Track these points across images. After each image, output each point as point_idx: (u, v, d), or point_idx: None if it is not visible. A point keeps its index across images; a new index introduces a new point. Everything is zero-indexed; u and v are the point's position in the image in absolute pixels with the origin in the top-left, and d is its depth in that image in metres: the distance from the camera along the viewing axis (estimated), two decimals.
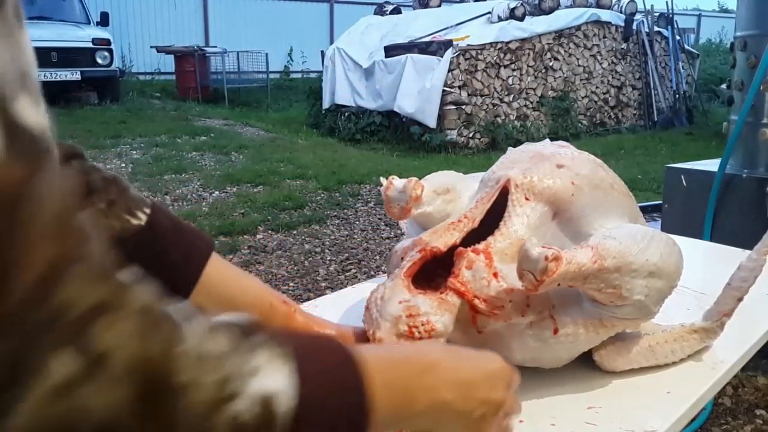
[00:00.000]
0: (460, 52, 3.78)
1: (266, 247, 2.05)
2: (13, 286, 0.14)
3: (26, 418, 0.15)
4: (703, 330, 0.44)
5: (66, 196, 0.16)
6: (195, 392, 0.18)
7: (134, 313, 0.17)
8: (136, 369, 0.16)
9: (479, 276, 0.36)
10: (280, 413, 0.19)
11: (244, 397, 0.19)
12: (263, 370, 0.19)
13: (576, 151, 0.45)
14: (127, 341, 0.17)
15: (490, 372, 0.28)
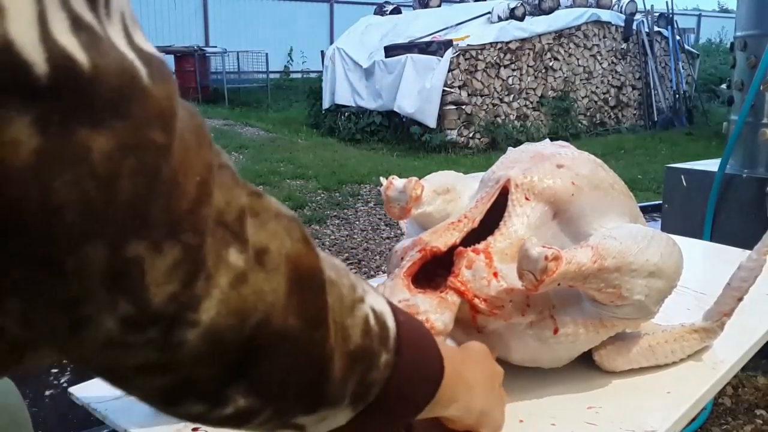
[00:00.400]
0: (460, 52, 3.78)
1: None
2: (182, 191, 0.15)
3: (216, 306, 0.16)
4: (703, 330, 0.44)
5: (196, 115, 0.17)
6: (339, 288, 0.20)
7: (275, 215, 0.19)
8: (288, 262, 0.18)
9: (479, 276, 0.36)
10: (391, 328, 0.22)
11: (366, 305, 0.21)
12: (370, 292, 0.22)
13: (576, 151, 0.45)
14: (276, 239, 0.18)
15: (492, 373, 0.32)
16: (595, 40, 4.46)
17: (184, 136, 0.15)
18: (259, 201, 0.18)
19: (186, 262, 0.15)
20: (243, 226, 0.17)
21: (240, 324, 0.16)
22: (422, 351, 0.24)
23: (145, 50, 0.15)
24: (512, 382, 0.41)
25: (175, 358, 0.16)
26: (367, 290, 0.22)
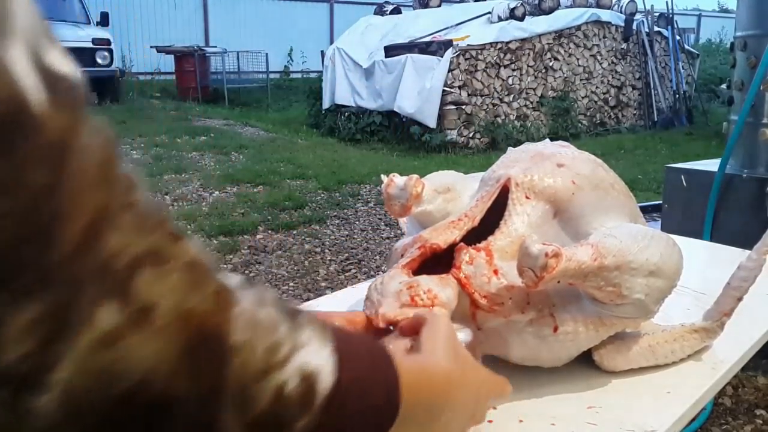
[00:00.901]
0: (460, 52, 3.78)
1: (266, 247, 2.05)
2: (62, 237, 0.14)
3: (71, 370, 0.14)
4: (703, 330, 0.44)
5: (108, 145, 0.15)
6: (247, 354, 0.17)
7: (184, 265, 0.17)
8: (184, 322, 0.16)
9: (480, 272, 0.36)
10: (320, 389, 0.19)
11: (290, 368, 0.18)
12: (308, 346, 0.19)
13: (576, 151, 0.45)
14: (175, 293, 0.16)
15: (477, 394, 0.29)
16: (595, 40, 4.46)
17: (83, 171, 0.14)
18: (170, 246, 0.16)
19: (50, 317, 0.14)
20: (131, 278, 0.15)
21: (102, 390, 0.15)
22: (370, 402, 0.21)
23: (55, 71, 0.13)
24: (512, 381, 0.41)
25: (26, 422, 0.14)
26: (301, 347, 0.19)
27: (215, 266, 0.18)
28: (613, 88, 4.64)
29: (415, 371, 0.24)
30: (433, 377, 0.25)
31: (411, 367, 0.24)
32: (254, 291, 0.19)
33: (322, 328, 0.20)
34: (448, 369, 0.26)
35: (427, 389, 0.25)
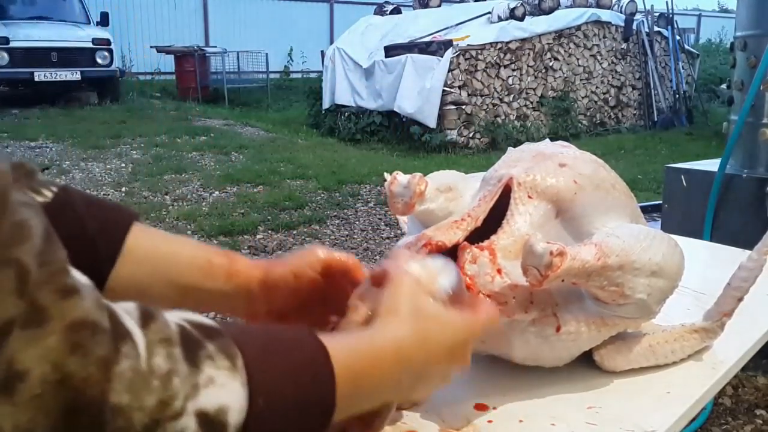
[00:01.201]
0: (460, 52, 3.78)
1: (266, 247, 2.05)
2: None
3: None
4: (704, 330, 0.44)
5: None
6: (133, 414, 0.17)
7: (63, 328, 0.16)
8: (58, 390, 0.15)
9: (483, 271, 0.36)
10: (232, 426, 0.19)
11: (187, 416, 0.18)
12: (211, 386, 0.19)
13: (578, 151, 0.45)
14: (49, 359, 0.15)
15: (452, 346, 0.28)
16: (595, 40, 4.46)
17: None
18: (54, 305, 0.16)
19: None
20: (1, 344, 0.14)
21: None
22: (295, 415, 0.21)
23: None
24: (512, 381, 0.41)
25: None
26: (201, 389, 0.18)
27: (108, 314, 0.17)
28: (613, 88, 4.64)
29: (356, 357, 0.24)
30: (380, 355, 0.25)
31: (352, 353, 0.24)
32: (154, 329, 0.19)
33: (231, 359, 0.20)
34: (399, 339, 0.26)
35: (370, 370, 0.24)
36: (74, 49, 4.72)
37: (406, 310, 0.27)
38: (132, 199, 2.59)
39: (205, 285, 0.31)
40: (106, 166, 3.15)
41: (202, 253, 0.32)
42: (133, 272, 0.30)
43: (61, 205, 0.29)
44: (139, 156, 3.43)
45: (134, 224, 0.31)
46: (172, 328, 0.19)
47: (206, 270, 0.31)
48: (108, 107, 4.74)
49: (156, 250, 0.31)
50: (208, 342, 0.20)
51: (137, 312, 0.19)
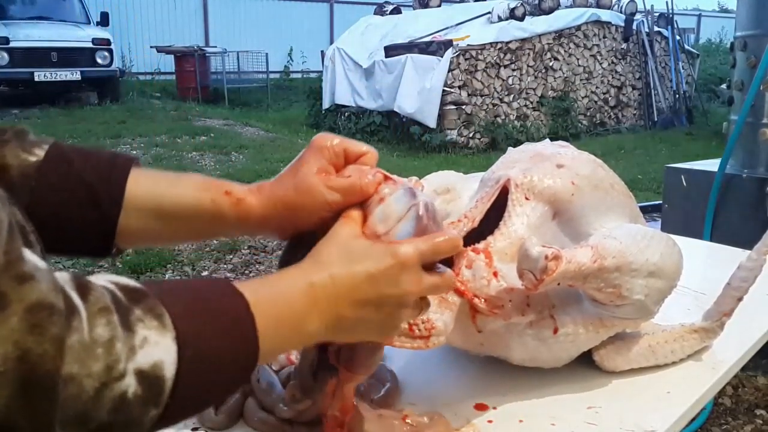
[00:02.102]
0: (460, 52, 3.78)
1: (266, 247, 2.04)
2: None
3: None
4: (703, 330, 0.44)
5: None
6: (83, 380, 0.19)
7: (22, 310, 0.18)
8: (18, 365, 0.17)
9: (479, 275, 0.36)
10: (166, 378, 0.21)
11: (129, 375, 0.20)
12: (146, 346, 0.21)
13: (576, 151, 0.45)
14: (10, 339, 0.17)
15: (374, 273, 0.28)
16: (595, 40, 4.46)
17: None
18: (14, 290, 0.17)
19: None
20: None
21: None
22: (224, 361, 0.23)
23: None
24: (512, 382, 0.41)
25: None
26: (138, 349, 0.20)
27: (62, 293, 0.19)
28: (613, 88, 4.64)
29: (272, 301, 0.26)
30: (293, 296, 0.26)
31: (268, 297, 0.26)
32: (92, 299, 0.20)
33: (158, 318, 0.21)
34: (311, 280, 0.27)
35: (287, 312, 0.26)
36: (74, 49, 4.73)
37: (327, 255, 0.28)
38: None
39: (213, 229, 0.32)
40: None
41: (205, 194, 0.31)
42: (138, 218, 0.30)
43: (55, 161, 0.29)
44: (139, 156, 3.43)
45: (133, 169, 0.30)
46: (106, 296, 0.21)
47: (213, 213, 0.31)
48: (108, 107, 4.74)
49: (160, 197, 0.31)
50: (135, 306, 0.21)
51: (72, 283, 0.20)
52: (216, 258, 1.93)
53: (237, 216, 0.31)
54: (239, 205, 0.31)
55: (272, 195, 0.31)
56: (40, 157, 0.29)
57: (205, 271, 1.84)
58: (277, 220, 0.31)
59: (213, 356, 0.23)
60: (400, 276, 0.28)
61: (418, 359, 0.44)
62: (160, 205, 0.30)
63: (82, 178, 0.29)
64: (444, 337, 0.33)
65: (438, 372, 0.44)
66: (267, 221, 0.31)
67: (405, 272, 0.28)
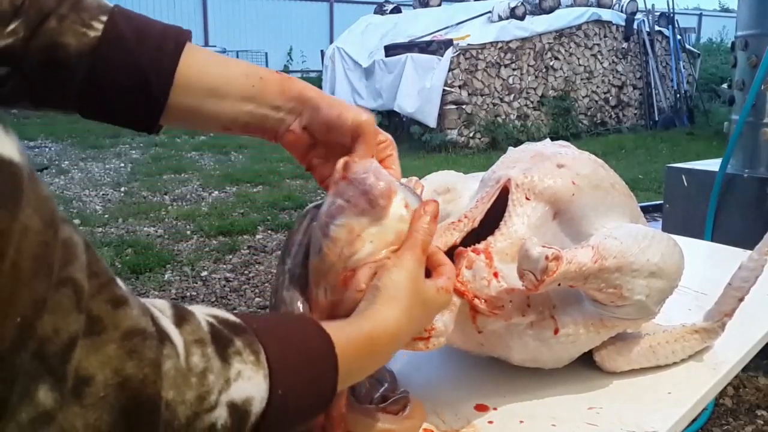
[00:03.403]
0: (460, 51, 3.78)
1: (266, 247, 2.04)
2: (1, 331, 0.14)
3: None
4: (704, 330, 0.44)
5: (46, 224, 0.15)
6: (177, 407, 0.19)
7: (119, 336, 0.18)
8: (120, 391, 0.17)
9: (479, 276, 0.36)
10: (253, 414, 0.22)
11: (221, 407, 0.20)
12: (239, 380, 0.21)
13: (577, 151, 0.45)
14: (110, 365, 0.17)
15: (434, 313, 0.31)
16: (596, 39, 4.46)
17: (16, 264, 0.14)
18: (108, 315, 0.17)
19: None
20: (65, 359, 0.16)
21: None
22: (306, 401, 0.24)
23: None
24: (513, 382, 0.41)
25: None
26: (231, 383, 0.21)
27: (150, 319, 0.19)
28: (613, 87, 4.64)
29: (357, 343, 0.27)
30: (376, 342, 0.27)
31: (353, 340, 0.26)
32: (189, 329, 0.20)
33: (255, 354, 0.22)
34: (396, 328, 0.28)
35: (369, 353, 0.27)
36: None
37: (406, 299, 0.28)
38: (131, 198, 2.59)
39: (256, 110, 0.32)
40: (105, 166, 3.15)
41: (254, 72, 0.32)
42: (182, 101, 0.31)
43: (112, 39, 0.29)
44: (138, 156, 3.43)
45: (184, 50, 0.31)
46: (203, 328, 0.21)
47: (259, 87, 0.31)
48: None
49: (208, 79, 0.31)
50: (235, 338, 0.22)
51: (171, 312, 0.21)
52: (216, 258, 1.93)
53: (280, 88, 0.32)
54: (285, 81, 0.32)
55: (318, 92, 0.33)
56: (99, 32, 0.29)
57: (204, 271, 1.84)
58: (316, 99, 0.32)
59: (297, 398, 0.23)
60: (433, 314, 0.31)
61: (418, 360, 0.44)
62: (208, 85, 0.31)
63: (138, 65, 0.30)
64: (444, 338, 0.33)
65: (438, 372, 0.44)
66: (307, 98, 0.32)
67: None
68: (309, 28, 7.52)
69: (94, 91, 0.29)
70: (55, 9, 0.28)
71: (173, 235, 2.10)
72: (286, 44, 7.00)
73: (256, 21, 7.30)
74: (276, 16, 7.45)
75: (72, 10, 0.29)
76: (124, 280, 1.31)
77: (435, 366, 0.44)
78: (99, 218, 2.29)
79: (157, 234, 2.13)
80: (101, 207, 2.45)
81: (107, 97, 0.30)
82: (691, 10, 10.55)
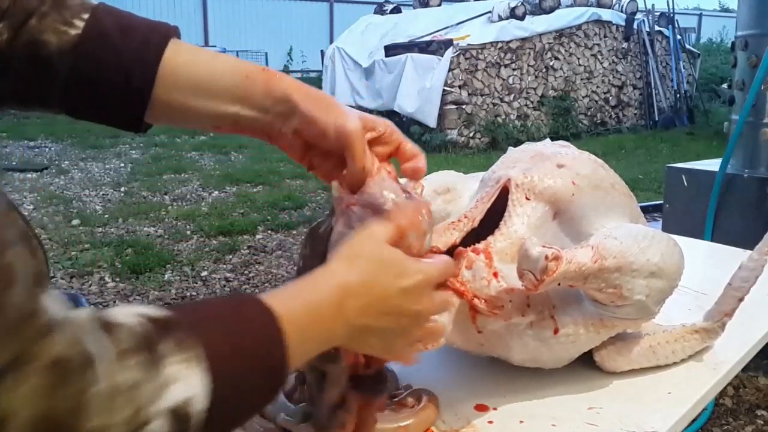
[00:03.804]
0: (460, 51, 3.78)
1: (266, 247, 2.04)
2: None
3: None
4: (704, 330, 0.44)
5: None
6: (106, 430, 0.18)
7: (46, 366, 0.17)
8: (41, 425, 0.17)
9: (479, 276, 0.36)
10: (196, 413, 0.21)
11: (158, 417, 0.20)
12: (175, 382, 0.20)
13: (577, 151, 0.45)
14: (32, 399, 0.17)
15: (406, 288, 0.28)
16: (596, 39, 4.46)
17: None
18: (35, 346, 0.17)
19: None
20: None
21: None
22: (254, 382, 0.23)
23: None
24: (513, 382, 0.41)
25: None
26: (166, 387, 0.20)
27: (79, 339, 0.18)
28: (613, 87, 4.64)
29: (301, 311, 0.25)
30: (323, 303, 0.26)
31: (297, 309, 0.25)
32: (116, 340, 0.20)
33: (189, 350, 0.21)
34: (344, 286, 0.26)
35: (317, 320, 0.26)
36: None
37: (360, 258, 0.27)
38: (131, 198, 2.59)
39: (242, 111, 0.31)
40: (105, 166, 3.15)
41: (240, 68, 0.31)
42: (168, 97, 0.30)
43: (94, 36, 0.28)
44: (138, 156, 3.42)
45: (169, 45, 0.30)
46: (132, 331, 0.20)
47: (245, 85, 0.30)
48: None
49: (194, 73, 0.30)
50: (165, 337, 0.21)
51: (98, 324, 0.20)
52: (216, 258, 1.93)
53: (265, 89, 0.31)
54: (272, 79, 0.31)
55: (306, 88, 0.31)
56: (79, 30, 0.28)
57: (204, 271, 1.84)
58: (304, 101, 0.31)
59: (244, 383, 0.23)
60: (423, 293, 0.29)
61: None
62: (194, 81, 0.30)
63: (120, 59, 0.29)
64: (444, 338, 0.33)
65: (438, 372, 0.44)
66: (291, 101, 0.31)
67: (427, 290, 0.29)
68: (309, 28, 7.52)
69: (77, 89, 0.29)
70: (37, 8, 0.28)
71: (173, 235, 2.10)
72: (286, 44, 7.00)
73: (256, 21, 7.29)
74: (276, 15, 7.44)
75: (53, 8, 0.28)
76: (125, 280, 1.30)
77: (435, 366, 0.44)
78: (99, 218, 2.28)
79: (157, 234, 2.13)
80: (101, 207, 2.45)
81: (91, 94, 0.29)
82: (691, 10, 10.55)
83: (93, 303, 1.54)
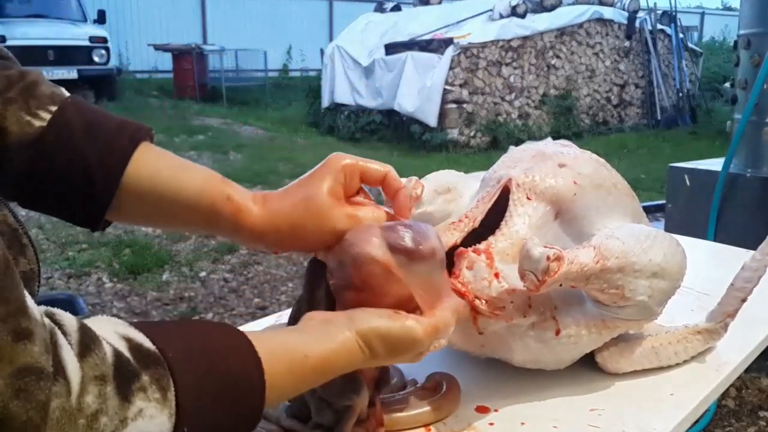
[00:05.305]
0: (461, 50, 3.77)
1: None
2: None
3: None
4: (707, 331, 0.44)
5: None
6: None
7: (10, 373, 0.17)
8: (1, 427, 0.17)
9: (480, 276, 0.36)
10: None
11: None
12: (140, 418, 0.20)
13: (578, 151, 0.45)
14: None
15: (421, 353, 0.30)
16: (598, 38, 4.45)
17: None
18: (6, 347, 0.17)
19: None
20: None
21: None
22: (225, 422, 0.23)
23: None
24: (514, 384, 0.40)
25: None
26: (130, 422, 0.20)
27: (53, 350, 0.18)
28: (615, 86, 4.63)
29: (287, 368, 0.25)
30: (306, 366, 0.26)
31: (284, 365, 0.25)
32: (91, 362, 0.19)
33: (162, 390, 0.21)
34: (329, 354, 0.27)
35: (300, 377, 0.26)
36: (71, 48, 4.71)
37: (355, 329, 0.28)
38: None
39: (209, 229, 0.31)
40: None
41: (207, 194, 0.30)
42: (132, 207, 0.29)
43: (57, 132, 0.27)
44: None
45: (137, 150, 0.29)
46: (108, 360, 0.20)
47: (210, 216, 0.30)
48: (105, 106, 4.71)
49: (159, 191, 0.29)
50: (143, 373, 0.21)
51: (77, 338, 0.19)
52: (214, 258, 1.93)
53: (234, 225, 0.30)
54: (238, 214, 0.30)
55: (277, 209, 0.30)
56: (44, 123, 0.27)
57: (203, 271, 1.84)
58: (275, 236, 0.30)
59: (215, 427, 0.22)
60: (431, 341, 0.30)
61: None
62: (159, 196, 0.29)
63: (83, 158, 0.28)
64: (445, 340, 0.33)
65: None
66: (264, 236, 0.30)
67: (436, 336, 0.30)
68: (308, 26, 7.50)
69: (32, 183, 0.27)
70: (4, 92, 0.27)
71: (171, 235, 2.10)
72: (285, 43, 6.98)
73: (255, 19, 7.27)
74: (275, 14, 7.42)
75: (21, 95, 0.27)
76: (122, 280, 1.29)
77: (436, 367, 0.44)
78: None
79: (155, 234, 2.13)
80: None
81: (44, 191, 0.28)
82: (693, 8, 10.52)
83: (91, 303, 1.54)
